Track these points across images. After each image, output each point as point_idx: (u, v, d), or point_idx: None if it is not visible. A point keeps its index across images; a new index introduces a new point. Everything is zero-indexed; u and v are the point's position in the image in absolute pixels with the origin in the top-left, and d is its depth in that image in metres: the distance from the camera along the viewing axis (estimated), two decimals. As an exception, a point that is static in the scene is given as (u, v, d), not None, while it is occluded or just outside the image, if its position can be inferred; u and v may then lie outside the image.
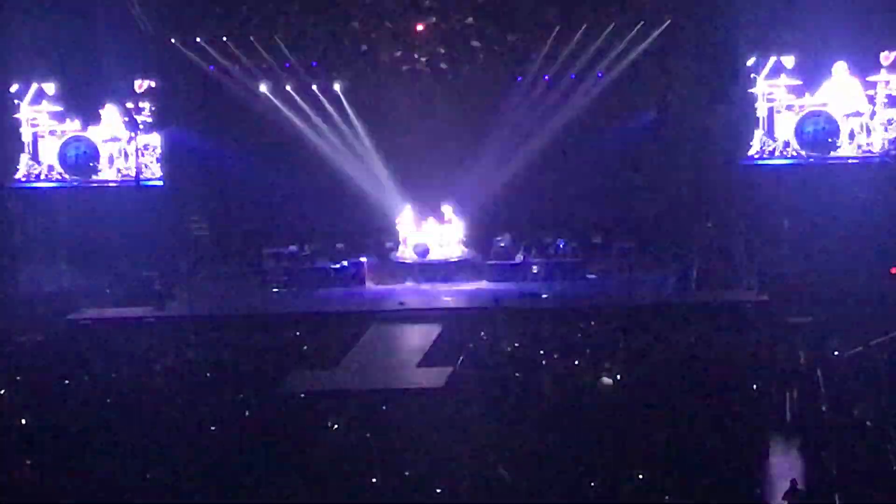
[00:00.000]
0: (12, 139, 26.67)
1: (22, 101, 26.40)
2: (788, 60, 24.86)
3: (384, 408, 15.60)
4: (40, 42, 25.36)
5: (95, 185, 27.00)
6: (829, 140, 25.05)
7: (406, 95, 26.73)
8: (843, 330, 18.73)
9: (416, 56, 26.07)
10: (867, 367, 16.74)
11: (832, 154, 25.13)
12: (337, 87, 26.84)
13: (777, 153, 25.29)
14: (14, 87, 26.28)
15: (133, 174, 26.48)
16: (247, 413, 15.64)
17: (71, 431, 14.77)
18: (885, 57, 24.61)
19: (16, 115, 26.50)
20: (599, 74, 26.17)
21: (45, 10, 25.04)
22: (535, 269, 25.67)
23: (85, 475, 13.24)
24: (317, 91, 26.85)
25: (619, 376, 16.68)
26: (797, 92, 25.05)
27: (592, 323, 20.65)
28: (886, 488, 12.41)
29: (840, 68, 24.72)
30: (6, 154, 26.66)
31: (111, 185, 27.00)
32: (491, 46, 25.72)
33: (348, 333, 21.37)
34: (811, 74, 25.00)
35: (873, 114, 24.95)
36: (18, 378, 17.89)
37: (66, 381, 17.54)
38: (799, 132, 25.16)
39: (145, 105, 26.52)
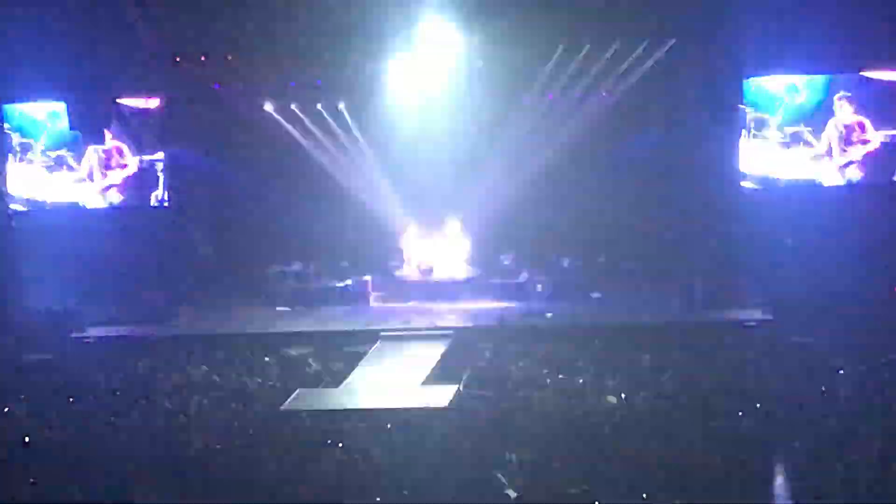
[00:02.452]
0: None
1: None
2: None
3: (388, 426, 15.56)
4: (41, 59, 25.39)
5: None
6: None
7: (411, 113, 26.74)
8: (848, 349, 18.69)
9: (421, 74, 26.10)
10: (873, 385, 16.69)
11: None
12: (342, 105, 26.88)
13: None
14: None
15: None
16: (250, 431, 15.61)
17: (76, 449, 14.76)
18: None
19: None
20: (604, 94, 26.18)
21: (47, 27, 25.06)
22: (539, 287, 25.63)
23: (89, 493, 13.21)
24: (322, 109, 26.89)
25: (624, 395, 16.65)
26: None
27: (597, 342, 20.59)
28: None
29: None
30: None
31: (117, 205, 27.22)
32: (495, 65, 25.74)
33: (352, 352, 21.34)
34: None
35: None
36: (23, 396, 17.89)
37: (71, 399, 17.53)
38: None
39: (149, 123, 26.62)
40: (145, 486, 13.22)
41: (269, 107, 26.73)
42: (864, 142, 24.99)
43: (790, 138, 25.30)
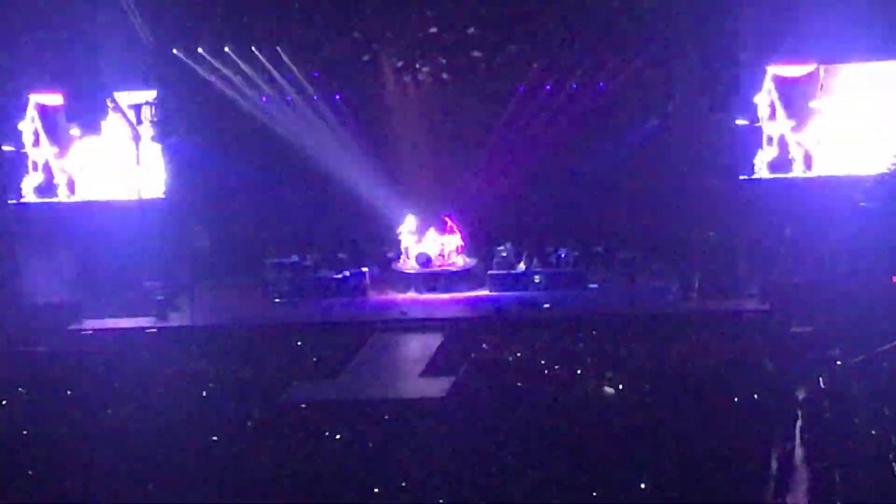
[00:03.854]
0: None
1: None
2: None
3: (386, 418, 15.59)
4: (41, 53, 25.36)
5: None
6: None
7: (408, 105, 26.74)
8: (845, 339, 18.71)
9: (418, 66, 26.10)
10: (870, 375, 16.72)
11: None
12: (338, 97, 26.87)
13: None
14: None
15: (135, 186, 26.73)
16: (249, 423, 15.64)
17: (74, 441, 14.77)
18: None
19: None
20: (601, 84, 26.18)
21: (46, 20, 25.02)
22: (536, 278, 25.64)
23: (87, 485, 13.24)
24: (319, 101, 26.88)
25: (621, 386, 16.67)
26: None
27: (594, 332, 20.62)
28: (891, 497, 12.40)
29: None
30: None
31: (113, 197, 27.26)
32: (493, 56, 25.74)
33: (350, 343, 21.35)
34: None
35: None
36: (21, 389, 17.89)
37: (69, 392, 17.54)
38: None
39: (147, 116, 26.60)
40: (142, 478, 13.24)
41: (266, 99, 26.71)
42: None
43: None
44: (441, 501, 12.50)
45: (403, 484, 12.89)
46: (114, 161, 27.20)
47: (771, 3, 24.42)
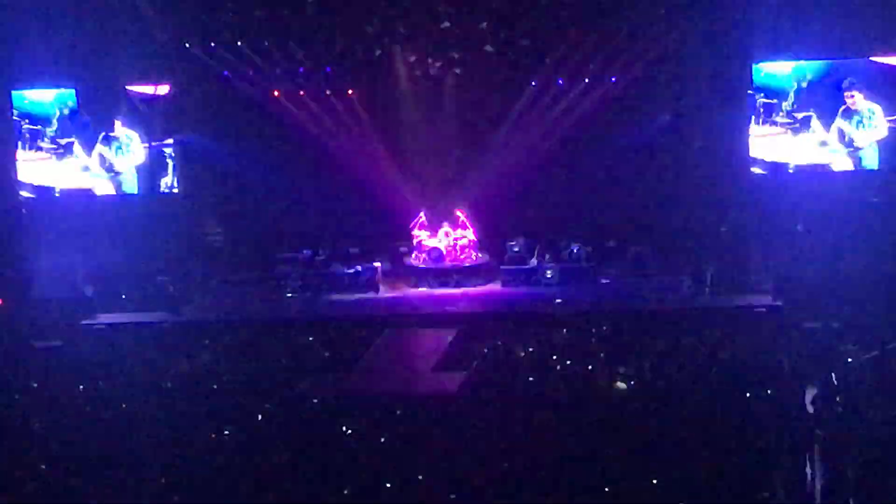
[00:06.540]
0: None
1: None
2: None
3: (398, 413, 15.59)
4: (52, 47, 25.39)
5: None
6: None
7: (419, 100, 26.75)
8: (858, 335, 18.66)
9: (429, 61, 26.11)
10: (883, 371, 16.67)
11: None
12: (350, 92, 26.88)
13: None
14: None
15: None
16: (260, 418, 15.65)
17: (87, 436, 14.81)
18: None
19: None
20: (613, 79, 26.15)
21: (57, 14, 25.06)
22: (548, 273, 25.65)
23: (100, 480, 13.27)
24: (331, 96, 26.90)
25: (633, 381, 16.65)
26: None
27: (606, 328, 20.59)
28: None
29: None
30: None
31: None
32: (504, 51, 25.74)
33: (362, 338, 21.37)
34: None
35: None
36: (35, 384, 17.93)
37: (82, 386, 17.58)
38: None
39: (159, 110, 26.62)
40: (155, 472, 13.28)
41: (278, 94, 26.74)
42: (873, 128, 24.92)
43: (799, 124, 25.20)
44: (453, 497, 12.50)
45: (415, 480, 12.90)
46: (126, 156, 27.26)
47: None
